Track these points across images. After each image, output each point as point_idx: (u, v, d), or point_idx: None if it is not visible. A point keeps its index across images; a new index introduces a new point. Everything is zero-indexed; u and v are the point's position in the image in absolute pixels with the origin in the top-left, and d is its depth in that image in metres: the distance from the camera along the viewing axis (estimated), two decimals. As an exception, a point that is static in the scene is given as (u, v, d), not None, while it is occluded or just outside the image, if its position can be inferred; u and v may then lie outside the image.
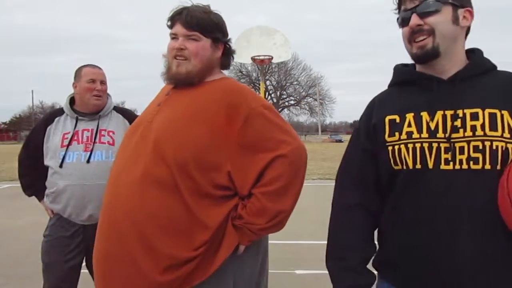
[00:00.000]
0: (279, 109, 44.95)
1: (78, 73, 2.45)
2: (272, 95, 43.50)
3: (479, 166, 1.12)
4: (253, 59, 9.90)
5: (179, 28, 1.59)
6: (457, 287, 1.12)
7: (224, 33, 1.66)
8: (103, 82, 2.46)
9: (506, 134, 1.12)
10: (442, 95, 1.19)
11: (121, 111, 2.55)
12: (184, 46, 1.58)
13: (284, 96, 45.03)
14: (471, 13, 1.24)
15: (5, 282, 3.99)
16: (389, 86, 1.37)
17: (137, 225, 1.42)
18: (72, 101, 2.47)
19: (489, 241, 1.12)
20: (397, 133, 1.22)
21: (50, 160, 2.35)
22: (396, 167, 1.22)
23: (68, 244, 2.34)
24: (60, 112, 2.47)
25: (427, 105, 1.20)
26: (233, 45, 1.73)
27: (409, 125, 1.20)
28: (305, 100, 43.43)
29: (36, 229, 2.46)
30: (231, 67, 1.84)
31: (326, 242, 1.34)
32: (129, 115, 2.55)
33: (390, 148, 1.22)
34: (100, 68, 2.51)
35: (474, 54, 1.28)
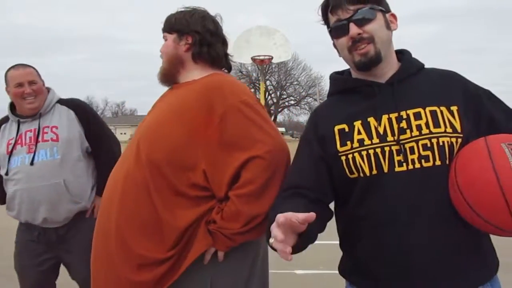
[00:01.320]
0: (279, 109, 44.93)
1: (5, 77, 2.27)
2: (272, 95, 43.45)
3: (430, 163, 1.15)
4: (253, 59, 9.91)
5: None
6: (426, 282, 1.15)
7: (190, 24, 1.61)
8: (33, 82, 2.24)
9: (449, 129, 1.17)
10: (384, 99, 1.22)
11: (65, 103, 2.35)
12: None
13: (284, 96, 45.01)
14: (395, 17, 1.29)
15: (5, 282, 3.98)
16: (329, 95, 1.38)
17: (117, 224, 1.43)
18: (14, 105, 2.32)
19: (449, 232, 1.15)
20: (348, 142, 1.21)
21: (2, 169, 2.26)
22: (352, 176, 1.21)
23: (35, 248, 2.28)
24: (6, 119, 2.35)
25: (372, 111, 1.22)
26: (232, 45, 1.70)
27: (359, 133, 1.21)
28: (305, 100, 43.32)
29: (36, 229, 2.44)
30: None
31: (327, 242, 1.34)
32: (75, 105, 2.35)
33: (343, 157, 1.21)
34: (26, 67, 2.28)
35: (403, 55, 1.30)
